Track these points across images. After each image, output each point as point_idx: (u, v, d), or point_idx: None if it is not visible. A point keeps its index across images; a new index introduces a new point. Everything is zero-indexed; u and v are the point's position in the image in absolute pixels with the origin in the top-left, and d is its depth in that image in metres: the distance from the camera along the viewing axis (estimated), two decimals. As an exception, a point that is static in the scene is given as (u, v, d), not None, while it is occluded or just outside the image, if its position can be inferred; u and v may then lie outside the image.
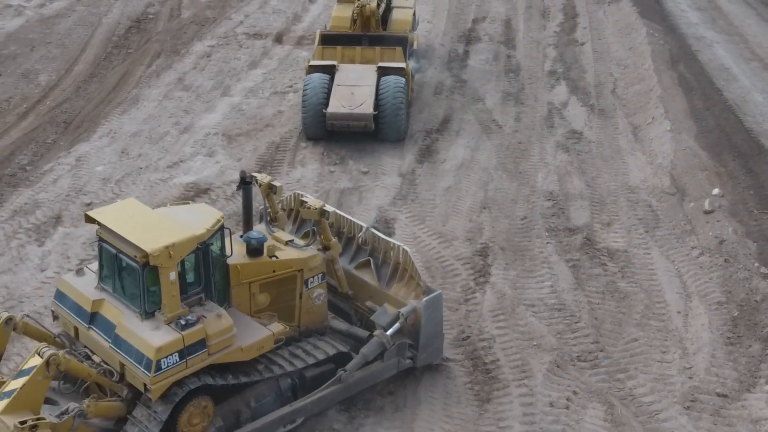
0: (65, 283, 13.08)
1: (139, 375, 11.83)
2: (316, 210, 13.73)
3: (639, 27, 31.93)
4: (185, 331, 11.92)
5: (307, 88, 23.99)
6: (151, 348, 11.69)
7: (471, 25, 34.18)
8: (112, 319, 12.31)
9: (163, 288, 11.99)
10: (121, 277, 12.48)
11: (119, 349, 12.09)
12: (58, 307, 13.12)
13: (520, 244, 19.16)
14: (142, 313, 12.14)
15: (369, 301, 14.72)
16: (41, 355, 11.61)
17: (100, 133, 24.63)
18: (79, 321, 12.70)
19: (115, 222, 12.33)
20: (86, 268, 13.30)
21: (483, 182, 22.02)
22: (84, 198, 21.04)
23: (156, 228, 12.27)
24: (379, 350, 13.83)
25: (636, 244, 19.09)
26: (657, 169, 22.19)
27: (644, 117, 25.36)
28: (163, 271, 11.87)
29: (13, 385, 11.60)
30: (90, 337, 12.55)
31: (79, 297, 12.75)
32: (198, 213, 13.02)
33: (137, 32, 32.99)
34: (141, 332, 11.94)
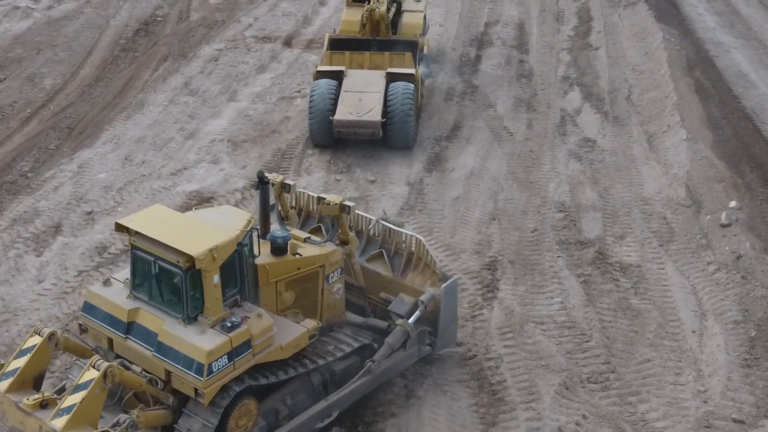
0: (94, 295, 12.81)
1: (189, 380, 11.73)
2: (336, 205, 13.77)
3: (655, 31, 31.26)
4: (232, 333, 11.89)
5: (314, 94, 23.51)
6: (201, 352, 11.61)
7: (483, 29, 33.61)
8: (152, 327, 12.18)
9: (207, 291, 11.92)
10: (159, 283, 12.33)
11: (164, 357, 11.97)
12: (88, 319, 12.84)
13: (529, 258, 18.61)
14: (185, 318, 12.02)
15: (383, 293, 14.84)
16: (97, 367, 11.43)
17: (104, 139, 24.23)
18: (114, 332, 12.47)
19: (151, 229, 12.16)
20: (113, 278, 13.08)
21: (493, 192, 21.47)
22: (85, 206, 20.63)
23: (194, 232, 12.20)
24: (404, 339, 14.07)
25: (649, 258, 18.49)
26: (672, 180, 21.57)
27: (659, 125, 24.73)
28: (206, 274, 11.81)
29: (71, 400, 11.38)
30: (127, 347, 12.38)
31: (113, 308, 12.53)
32: (227, 215, 12.99)
33: (145, 35, 32.60)
34: (187, 338, 11.85)
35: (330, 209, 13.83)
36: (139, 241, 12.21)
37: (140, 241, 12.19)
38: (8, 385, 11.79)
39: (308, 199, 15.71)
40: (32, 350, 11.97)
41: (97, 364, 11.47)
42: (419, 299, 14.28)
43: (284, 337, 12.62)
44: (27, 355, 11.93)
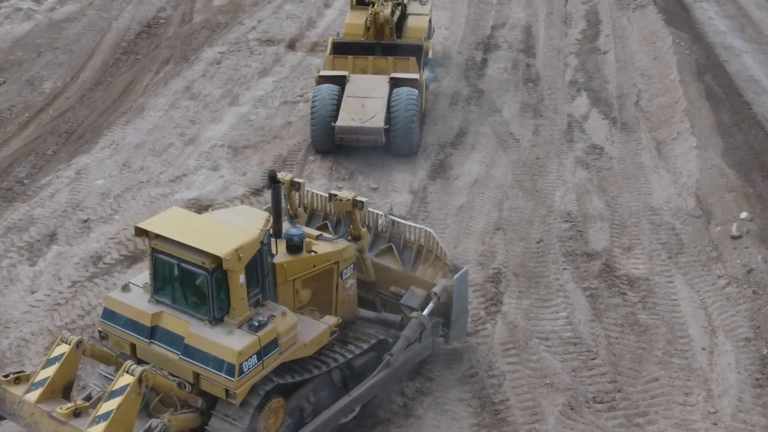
0: (114, 301, 12.67)
1: (219, 382, 11.71)
2: (348, 201, 13.76)
3: (664, 35, 30.71)
4: (260, 332, 11.88)
5: (316, 99, 23.08)
6: (232, 353, 11.59)
7: (490, 32, 33.11)
8: (177, 330, 12.11)
9: (233, 291, 11.90)
10: (182, 286, 12.23)
11: (192, 360, 11.91)
12: (108, 326, 12.69)
13: (534, 270, 18.13)
14: (212, 319, 11.99)
15: (393, 287, 14.89)
16: (131, 372, 11.34)
17: (102, 144, 23.84)
18: (138, 337, 12.39)
19: (172, 231, 12.09)
20: (131, 284, 12.92)
21: (497, 201, 21.00)
22: (81, 214, 20.23)
23: (217, 232, 12.18)
24: (420, 331, 14.11)
25: (658, 271, 17.99)
26: (681, 189, 21.05)
27: (669, 132, 24.21)
28: (232, 274, 11.78)
29: (107, 406, 11.26)
30: (152, 351, 12.29)
31: (135, 313, 12.42)
32: (244, 215, 13.00)
33: (147, 37, 32.21)
34: (216, 339, 11.80)
35: (343, 205, 13.80)
36: (160, 245, 12.10)
37: (162, 244, 12.09)
38: (38, 395, 11.67)
39: (312, 197, 15.76)
40: (61, 359, 11.83)
41: (131, 369, 11.37)
42: (432, 291, 14.34)
43: (307, 335, 12.64)
44: (55, 364, 11.80)
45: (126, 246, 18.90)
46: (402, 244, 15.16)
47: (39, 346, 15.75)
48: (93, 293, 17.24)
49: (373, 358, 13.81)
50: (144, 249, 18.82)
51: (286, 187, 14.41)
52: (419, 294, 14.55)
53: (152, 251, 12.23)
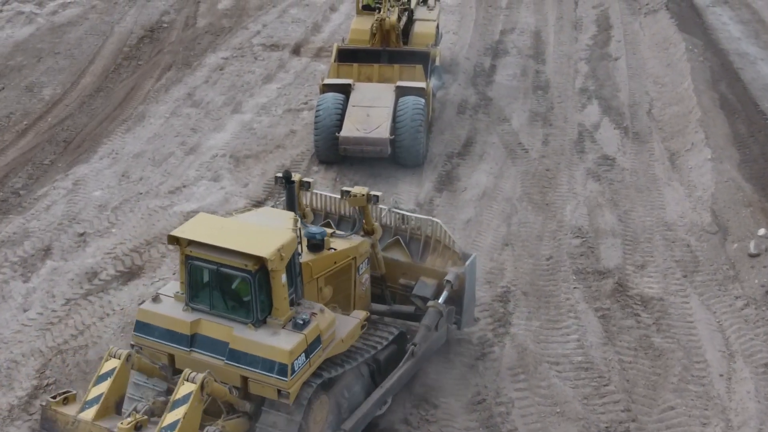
0: (147, 313, 12.52)
1: (270, 383, 11.71)
2: (363, 197, 13.78)
3: (677, 41, 30.02)
4: (305, 331, 11.93)
5: (319, 108, 22.48)
6: (283, 353, 11.62)
7: (498, 37, 32.47)
8: (219, 336, 12.03)
9: (275, 292, 11.94)
10: (223, 291, 12.16)
11: (240, 364, 11.86)
12: (143, 338, 12.52)
13: (544, 289, 17.49)
14: (255, 322, 11.98)
15: (402, 279, 14.99)
16: (192, 380, 11.28)
17: (101, 153, 23.28)
18: (177, 347, 12.27)
19: (209, 236, 12.02)
20: (161, 294, 12.73)
21: (506, 215, 20.36)
22: (77, 227, 19.67)
23: (254, 234, 12.19)
24: (438, 319, 14.30)
25: (673, 291, 17.33)
26: (696, 203, 20.38)
27: (682, 142, 23.52)
28: (275, 274, 11.82)
29: (173, 417, 11.17)
30: (192, 360, 12.14)
31: (171, 323, 12.29)
32: (271, 216, 13.14)
33: (149, 42, 31.66)
34: (263, 341, 11.81)
35: (358, 200, 13.80)
36: (195, 251, 11.99)
37: (197, 250, 11.98)
38: (94, 413, 11.54)
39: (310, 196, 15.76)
40: (113, 374, 11.68)
41: (192, 377, 11.28)
42: (445, 279, 14.50)
43: (342, 330, 12.74)
44: (107, 380, 11.64)
45: (122, 261, 18.34)
46: (408, 236, 15.24)
47: (30, 368, 15.19)
48: (87, 312, 16.67)
49: (394, 351, 13.95)
50: (141, 265, 18.31)
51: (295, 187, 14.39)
52: (430, 284, 14.72)
53: (187, 258, 12.11)
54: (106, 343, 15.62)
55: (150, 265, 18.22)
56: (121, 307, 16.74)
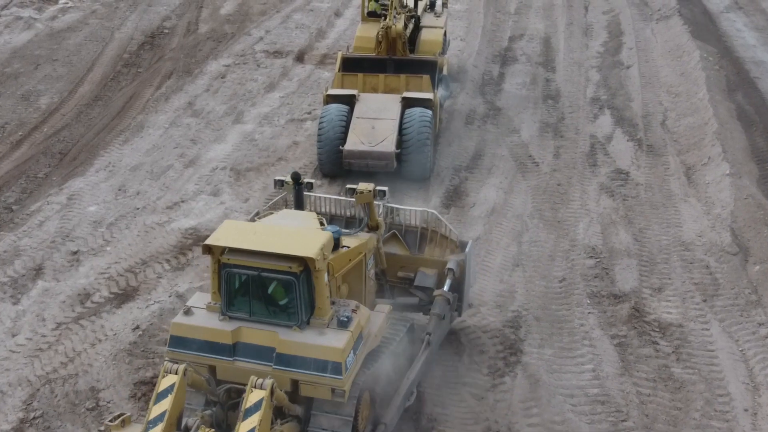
0: (182, 327, 12.24)
1: (324, 383, 11.69)
2: (370, 192, 13.68)
3: (691, 49, 29.18)
4: (350, 327, 11.95)
5: (323, 120, 21.71)
6: (336, 351, 11.64)
7: (507, 44, 31.68)
8: (263, 342, 11.93)
9: (319, 291, 11.93)
10: (264, 296, 12.07)
11: (289, 367, 11.78)
12: (179, 353, 12.17)
13: (557, 314, 16.69)
14: (300, 323, 11.95)
15: (400, 272, 14.98)
16: (261, 387, 11.16)
17: (98, 166, 22.54)
18: (218, 357, 12.06)
19: (246, 241, 11.92)
20: (192, 307, 12.44)
21: (516, 233, 19.57)
22: (70, 245, 18.94)
23: (291, 236, 12.17)
24: (446, 307, 14.43)
25: (692, 316, 16.52)
26: (715, 222, 19.56)
27: (699, 156, 22.71)
28: (319, 274, 11.81)
29: (248, 425, 10.98)
30: (236, 369, 12.02)
31: (210, 334, 12.08)
32: (294, 217, 13.16)
33: (150, 48, 30.94)
34: (313, 341, 11.78)
35: (365, 197, 13.70)
36: (234, 258, 11.84)
37: (235, 257, 11.83)
38: (161, 431, 11.17)
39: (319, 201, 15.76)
40: (173, 390, 11.33)
41: (259, 384, 11.16)
42: (447, 267, 14.60)
43: (374, 325, 12.79)
44: (168, 396, 11.30)
45: (117, 282, 17.60)
46: (404, 229, 15.27)
47: (17, 399, 14.46)
48: (78, 337, 15.93)
49: (407, 342, 13.96)
50: (135, 286, 17.59)
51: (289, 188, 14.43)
52: (430, 274, 14.79)
53: (223, 266, 11.91)
54: (97, 371, 14.90)
55: (145, 286, 17.48)
56: (114, 332, 15.99)
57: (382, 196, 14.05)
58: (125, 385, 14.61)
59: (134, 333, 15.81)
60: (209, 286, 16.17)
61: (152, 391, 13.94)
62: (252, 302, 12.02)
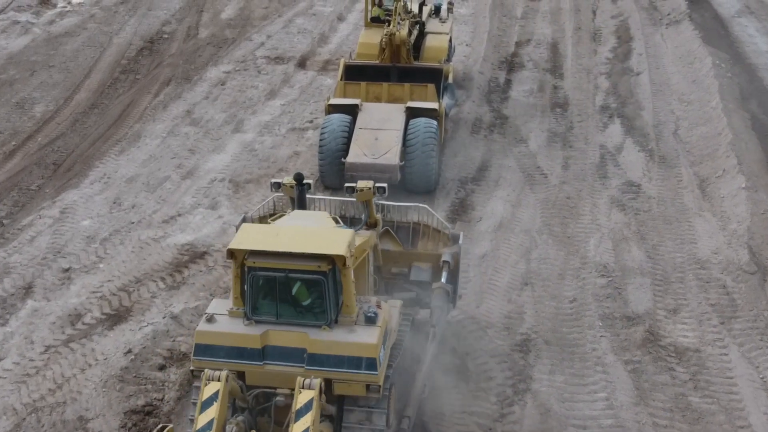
0: (207, 335, 12.02)
1: (359, 380, 11.66)
2: (370, 190, 13.80)
3: (703, 56, 28.42)
4: (378, 323, 11.98)
5: (324, 131, 21.02)
6: (369, 347, 11.66)
7: (514, 49, 30.95)
8: (292, 344, 11.81)
9: (347, 289, 11.91)
10: (291, 297, 11.94)
11: (323, 367, 11.68)
12: (205, 361, 11.89)
13: (568, 337, 15.98)
14: (329, 322, 11.90)
15: (394, 268, 15.04)
16: (309, 387, 11.16)
17: (93, 177, 21.87)
18: (247, 363, 11.88)
19: (272, 243, 11.84)
20: (214, 314, 12.24)
21: (525, 249, 18.86)
22: (62, 261, 18.29)
23: (314, 236, 12.15)
24: (446, 299, 14.44)
25: (709, 340, 15.80)
26: (731, 238, 18.83)
27: (713, 167, 21.97)
28: (348, 271, 11.79)
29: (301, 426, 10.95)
30: (267, 373, 11.87)
31: (238, 339, 11.91)
32: (308, 217, 13.16)
33: (149, 54, 30.28)
34: (344, 339, 11.78)
35: (365, 194, 13.83)
36: (260, 261, 11.73)
37: (261, 260, 11.72)
38: None
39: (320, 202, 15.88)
40: (218, 398, 11.18)
41: (307, 384, 11.16)
42: (443, 260, 14.65)
43: (393, 320, 12.81)
44: (213, 404, 11.17)
45: (109, 302, 16.94)
46: (396, 225, 15.31)
47: (0, 430, 13.76)
48: (68, 361, 15.26)
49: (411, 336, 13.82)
50: (128, 306, 16.97)
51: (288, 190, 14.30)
52: (425, 268, 14.87)
53: (249, 270, 11.77)
54: (86, 399, 14.23)
55: (139, 306, 16.81)
56: (105, 356, 15.33)
57: (382, 193, 14.07)
58: (115, 414, 13.95)
59: (126, 357, 15.15)
60: (205, 306, 15.73)
61: (143, 421, 13.43)
62: (279, 304, 11.93)
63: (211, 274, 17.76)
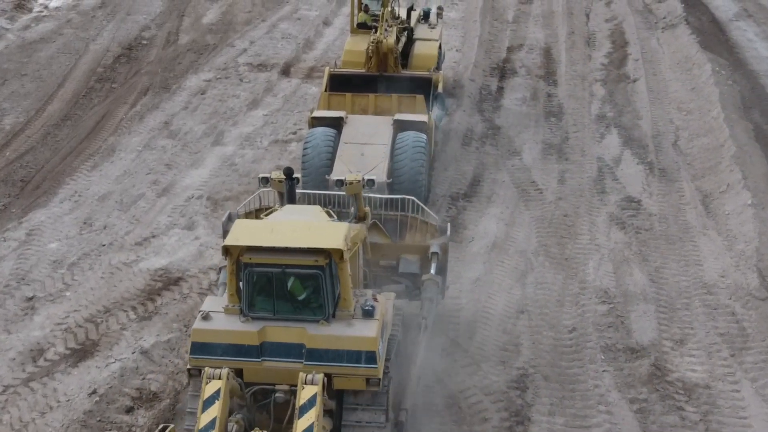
0: (204, 332, 11.86)
1: (359, 374, 11.60)
2: (359, 182, 13.77)
3: (702, 62, 27.40)
4: (376, 316, 11.93)
5: (308, 146, 19.84)
6: (369, 341, 11.61)
7: (506, 55, 29.88)
8: (290, 339, 11.73)
9: (344, 282, 11.84)
10: (287, 292, 11.86)
11: (321, 362, 11.60)
12: (203, 360, 11.76)
13: (568, 372, 14.89)
14: (327, 317, 11.80)
15: (382, 261, 14.92)
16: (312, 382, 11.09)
17: (62, 195, 20.69)
18: (245, 360, 11.76)
19: (267, 239, 11.71)
20: (209, 313, 12.04)
21: (520, 272, 17.77)
22: (26, 289, 17.12)
23: (312, 230, 12.05)
24: (436, 290, 14.32)
25: (719, 375, 14.74)
26: (739, 259, 17.79)
27: (716, 182, 20.94)
28: (344, 265, 11.69)
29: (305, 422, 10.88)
30: (265, 369, 11.77)
31: (235, 336, 11.79)
32: (301, 212, 13.14)
33: (126, 62, 29.05)
34: (343, 333, 11.71)
35: (354, 187, 13.79)
36: (255, 257, 11.58)
37: (258, 255, 11.57)
38: None
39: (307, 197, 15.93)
40: (219, 396, 11.04)
41: (309, 379, 11.10)
42: (432, 252, 14.60)
43: (388, 313, 12.70)
44: (216, 402, 11.01)
45: (75, 335, 15.76)
46: (383, 218, 15.35)
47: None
48: (27, 404, 14.09)
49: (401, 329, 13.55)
50: (95, 339, 15.82)
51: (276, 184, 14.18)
52: (413, 260, 14.79)
53: (245, 267, 11.63)
54: (46, 448, 13.05)
55: (106, 339, 15.64)
56: (68, 397, 14.16)
57: (371, 185, 14.30)
58: (76, 465, 12.79)
59: (90, 399, 14.01)
60: (178, 339, 14.67)
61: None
62: (276, 300, 11.80)
63: (186, 303, 16.61)
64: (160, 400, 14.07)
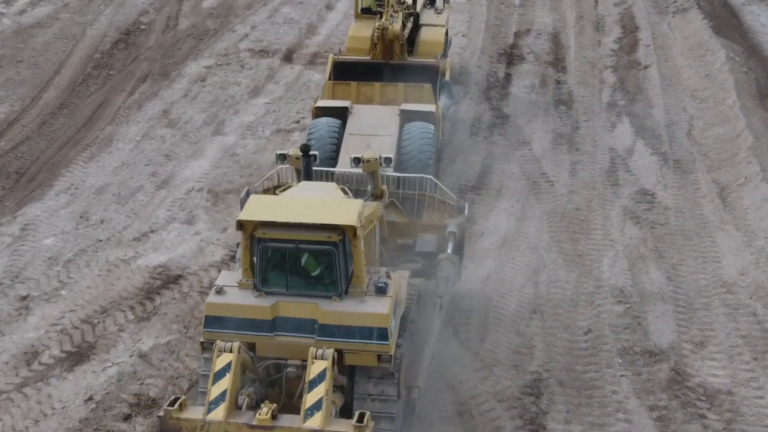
0: (218, 306, 11.95)
1: (371, 350, 11.61)
2: (376, 160, 13.77)
3: (715, 48, 26.65)
4: (389, 293, 11.92)
5: (311, 137, 19.17)
6: (381, 317, 11.62)
7: (513, 40, 29.14)
8: (303, 315, 11.76)
9: (357, 259, 11.83)
10: (301, 268, 11.86)
11: (333, 338, 11.61)
12: (216, 333, 11.80)
13: (584, 377, 14.29)
14: (340, 293, 11.82)
15: (399, 240, 14.96)
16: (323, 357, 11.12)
17: (58, 188, 20.05)
18: (258, 334, 11.84)
19: (281, 214, 11.80)
20: (222, 287, 12.11)
21: (532, 270, 17.15)
22: (20, 288, 16.51)
23: (326, 206, 12.10)
24: (452, 269, 14.34)
25: (742, 380, 14.13)
26: (759, 256, 17.16)
27: (733, 174, 20.28)
28: (358, 241, 11.70)
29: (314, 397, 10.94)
30: (276, 344, 11.84)
31: (249, 311, 11.86)
32: (316, 188, 13.04)
33: (124, 47, 28.33)
34: (356, 310, 11.73)
35: (372, 165, 13.80)
36: (269, 232, 11.66)
37: (272, 231, 11.66)
38: (224, 411, 10.97)
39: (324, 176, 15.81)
40: (230, 368, 11.09)
41: (320, 354, 11.13)
42: (449, 231, 14.65)
43: (402, 291, 12.65)
44: (226, 375, 11.06)
45: (70, 337, 15.15)
46: (400, 196, 15.35)
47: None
48: (20, 411, 13.51)
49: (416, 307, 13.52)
50: (92, 342, 15.22)
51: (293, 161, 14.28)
52: (430, 239, 14.83)
53: (259, 242, 11.69)
54: (39, 459, 12.48)
55: (103, 342, 15.04)
56: (63, 404, 13.58)
57: (388, 163, 14.35)
58: (72, 477, 12.23)
59: (86, 406, 13.44)
60: (177, 341, 14.09)
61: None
62: (289, 276, 11.81)
63: (186, 303, 16.00)
64: (160, 406, 13.47)
